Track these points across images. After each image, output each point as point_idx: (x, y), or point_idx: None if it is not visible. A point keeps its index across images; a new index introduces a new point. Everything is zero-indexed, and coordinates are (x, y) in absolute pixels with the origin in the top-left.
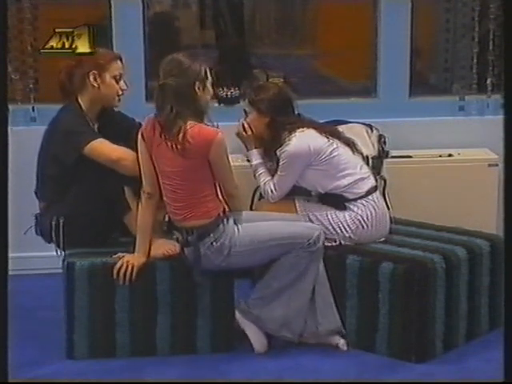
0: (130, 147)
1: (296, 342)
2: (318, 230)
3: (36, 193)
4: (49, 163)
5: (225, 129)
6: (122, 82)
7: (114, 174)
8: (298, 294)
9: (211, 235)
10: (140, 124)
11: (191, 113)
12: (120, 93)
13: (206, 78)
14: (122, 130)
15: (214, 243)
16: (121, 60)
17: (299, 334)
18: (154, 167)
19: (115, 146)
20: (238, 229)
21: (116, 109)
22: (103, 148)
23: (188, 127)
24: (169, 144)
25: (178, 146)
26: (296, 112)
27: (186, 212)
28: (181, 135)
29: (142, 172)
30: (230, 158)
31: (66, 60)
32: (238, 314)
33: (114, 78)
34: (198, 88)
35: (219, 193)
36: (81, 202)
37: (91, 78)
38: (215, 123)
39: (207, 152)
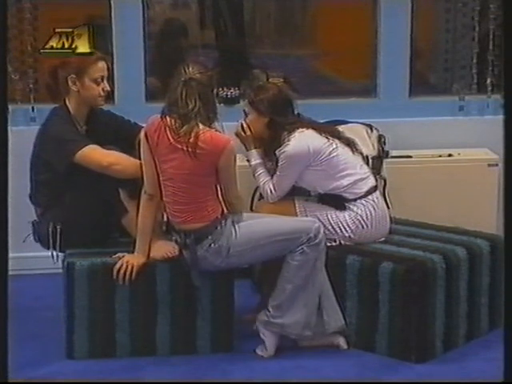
0: (119, 146)
1: (316, 337)
2: (316, 223)
3: (30, 197)
4: (42, 169)
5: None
6: (104, 83)
7: (108, 178)
8: (312, 292)
9: (209, 237)
10: (130, 121)
11: (206, 115)
12: (102, 94)
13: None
14: (110, 131)
15: (213, 245)
16: (104, 60)
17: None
18: (156, 168)
19: (105, 152)
20: (236, 229)
21: (115, 110)
22: (94, 154)
23: (200, 131)
24: (179, 146)
25: (190, 149)
26: (296, 112)
27: (186, 215)
28: (193, 138)
29: (143, 173)
30: (236, 168)
31: (51, 61)
32: (259, 326)
33: (95, 80)
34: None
35: (219, 194)
36: (76, 207)
37: (70, 82)
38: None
39: (218, 159)
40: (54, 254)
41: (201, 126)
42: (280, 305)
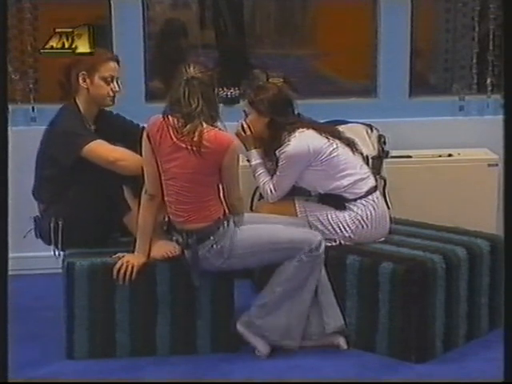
0: (127, 147)
1: (296, 349)
2: (319, 236)
3: (33, 193)
4: (47, 164)
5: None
6: (113, 84)
7: (113, 175)
8: (299, 302)
9: (211, 238)
10: (138, 125)
11: (209, 114)
12: (111, 94)
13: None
14: (119, 132)
15: (215, 246)
16: (117, 61)
17: (299, 341)
18: (158, 168)
19: (112, 147)
20: (238, 230)
21: (115, 111)
22: (101, 149)
23: (204, 130)
24: (183, 145)
25: (194, 148)
26: (296, 112)
27: (188, 215)
28: (197, 137)
29: (145, 173)
30: (239, 168)
31: (65, 59)
32: (240, 328)
33: (104, 79)
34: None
35: (220, 194)
36: (80, 203)
37: (80, 79)
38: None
39: (222, 157)
40: (56, 250)
41: (204, 125)
42: (264, 305)
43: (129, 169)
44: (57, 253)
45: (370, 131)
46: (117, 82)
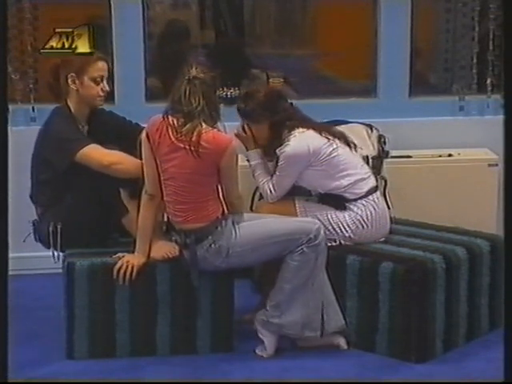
0: (121, 147)
1: (318, 338)
2: (316, 224)
3: (31, 197)
4: (42, 168)
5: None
6: (103, 84)
7: (109, 178)
8: (313, 292)
9: (209, 237)
10: (131, 122)
11: (209, 114)
12: (101, 94)
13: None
14: (112, 131)
15: (213, 245)
16: (105, 61)
17: (320, 330)
18: (157, 168)
19: (106, 151)
20: (236, 229)
21: (115, 111)
22: (95, 154)
23: (203, 130)
24: (181, 145)
25: (192, 148)
26: (292, 104)
27: (186, 215)
28: (195, 137)
29: (144, 173)
30: (238, 168)
31: (53, 60)
32: (257, 325)
33: (94, 79)
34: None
35: (219, 194)
36: (77, 206)
37: (70, 81)
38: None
39: (220, 159)
40: (55, 253)
41: (203, 125)
42: (278, 304)
43: (125, 172)
44: (55, 256)
45: (370, 131)
46: (107, 82)
